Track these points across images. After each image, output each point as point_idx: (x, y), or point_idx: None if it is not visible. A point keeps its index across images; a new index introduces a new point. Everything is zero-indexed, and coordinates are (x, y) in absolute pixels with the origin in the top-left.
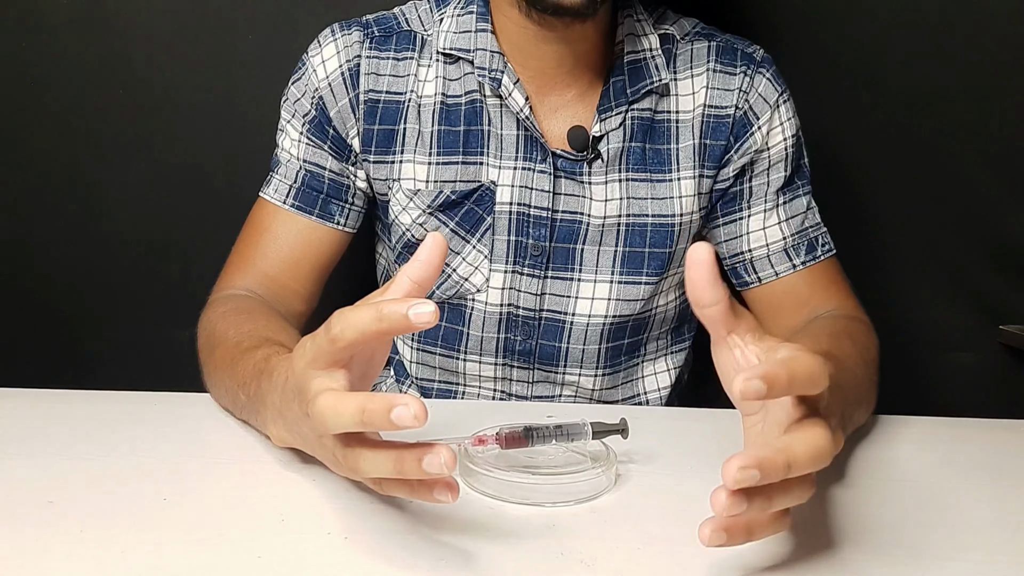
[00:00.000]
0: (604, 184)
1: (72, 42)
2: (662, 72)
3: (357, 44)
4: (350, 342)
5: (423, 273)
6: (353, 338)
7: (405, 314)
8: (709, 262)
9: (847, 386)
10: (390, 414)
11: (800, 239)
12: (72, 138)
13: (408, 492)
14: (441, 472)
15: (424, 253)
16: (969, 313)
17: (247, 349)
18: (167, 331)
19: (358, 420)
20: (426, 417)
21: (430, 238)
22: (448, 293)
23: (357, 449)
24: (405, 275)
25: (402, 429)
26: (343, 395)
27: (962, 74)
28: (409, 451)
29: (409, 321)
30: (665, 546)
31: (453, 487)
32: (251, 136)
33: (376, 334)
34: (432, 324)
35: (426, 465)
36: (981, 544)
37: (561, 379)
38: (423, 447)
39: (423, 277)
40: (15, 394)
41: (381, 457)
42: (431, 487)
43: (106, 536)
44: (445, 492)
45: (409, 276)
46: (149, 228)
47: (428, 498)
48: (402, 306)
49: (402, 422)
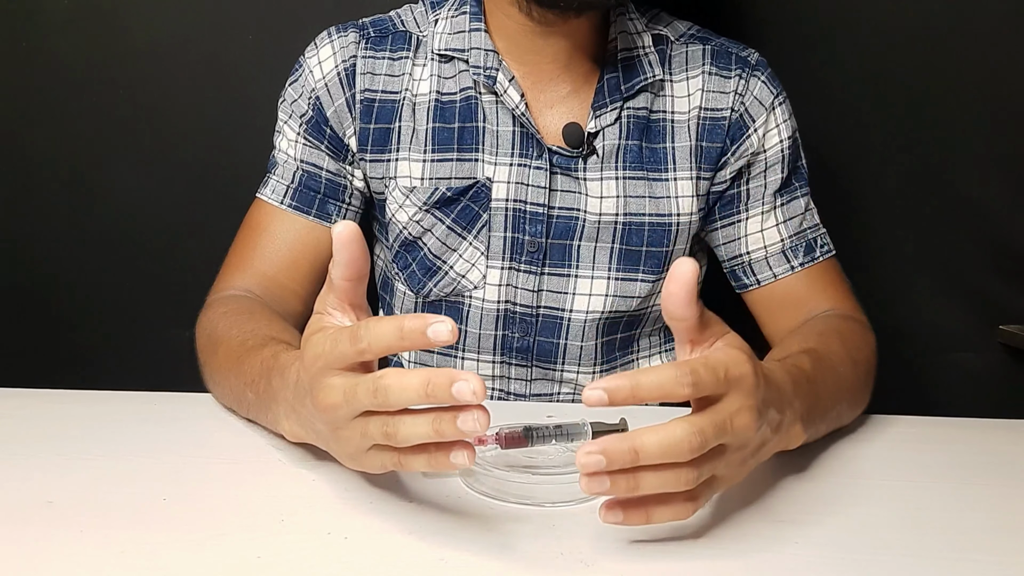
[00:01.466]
0: (600, 181)
1: (72, 42)
2: (656, 68)
3: (353, 45)
4: (377, 354)
5: (348, 271)
6: (380, 351)
7: (423, 332)
8: (690, 281)
9: (824, 382)
10: (452, 387)
11: (798, 241)
12: (72, 138)
13: (427, 461)
14: (475, 429)
15: (339, 254)
16: (969, 313)
17: (252, 348)
18: (167, 331)
19: (423, 392)
20: (484, 394)
21: (337, 233)
22: (445, 290)
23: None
24: (337, 278)
25: (461, 403)
26: (405, 371)
27: (961, 74)
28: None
29: (428, 339)
30: (665, 546)
31: (469, 450)
32: (251, 136)
33: (399, 349)
34: (451, 342)
35: (460, 423)
36: (981, 544)
37: (559, 376)
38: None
39: (350, 274)
40: (15, 394)
41: (420, 419)
42: (447, 451)
43: (106, 536)
44: (460, 454)
45: (341, 279)
46: (149, 228)
47: (445, 463)
48: (421, 323)
49: (462, 396)
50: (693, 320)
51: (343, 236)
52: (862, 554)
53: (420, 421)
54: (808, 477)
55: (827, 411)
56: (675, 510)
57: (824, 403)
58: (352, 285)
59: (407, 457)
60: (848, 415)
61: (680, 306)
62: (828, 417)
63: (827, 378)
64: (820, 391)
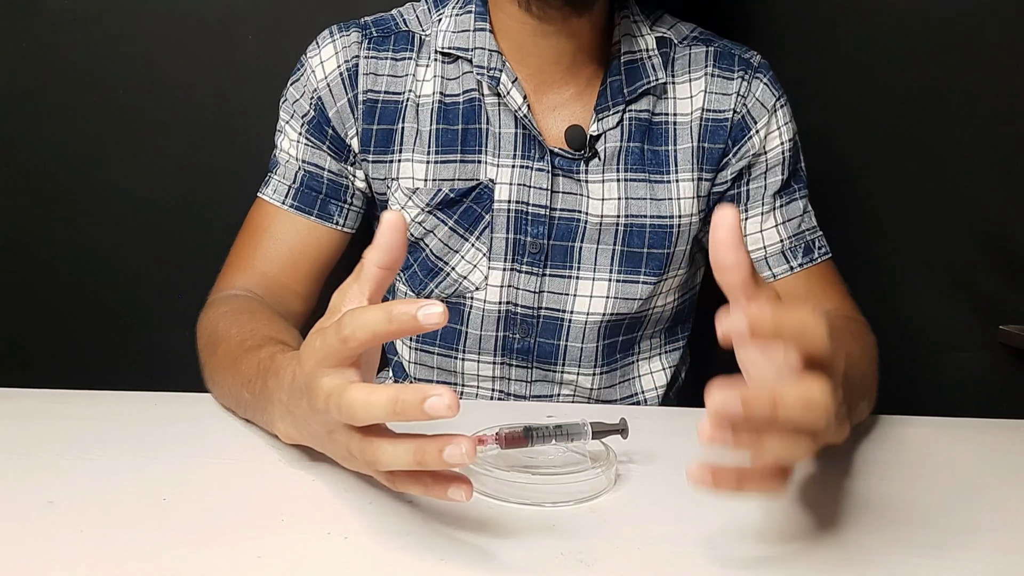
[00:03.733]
0: (601, 183)
1: (72, 42)
2: (659, 72)
3: (355, 45)
4: (362, 342)
5: (385, 258)
6: (365, 338)
7: (414, 315)
8: (734, 224)
9: (852, 377)
10: (424, 404)
11: (797, 242)
12: (72, 138)
13: (421, 489)
14: (463, 462)
15: (383, 237)
16: (969, 313)
17: (251, 348)
18: (167, 331)
19: (390, 411)
20: (459, 408)
21: (386, 219)
22: (447, 291)
23: (376, 441)
24: (370, 263)
25: (434, 419)
26: (374, 387)
27: (961, 75)
28: (430, 441)
29: (418, 322)
30: (665, 546)
31: (467, 485)
32: (251, 136)
33: (387, 335)
34: (442, 324)
35: (447, 455)
36: (981, 544)
37: (559, 378)
38: (444, 438)
39: (386, 261)
40: (15, 394)
41: (401, 449)
42: (445, 484)
43: (106, 536)
44: (459, 490)
45: (374, 263)
46: (149, 227)
47: (441, 495)
48: (411, 307)
49: (435, 412)
50: (746, 267)
51: (392, 221)
52: (863, 554)
53: (400, 450)
54: (808, 477)
55: (856, 405)
56: (770, 483)
57: (855, 397)
58: (382, 275)
59: (400, 480)
60: (865, 411)
61: (730, 250)
62: (855, 411)
63: (853, 375)
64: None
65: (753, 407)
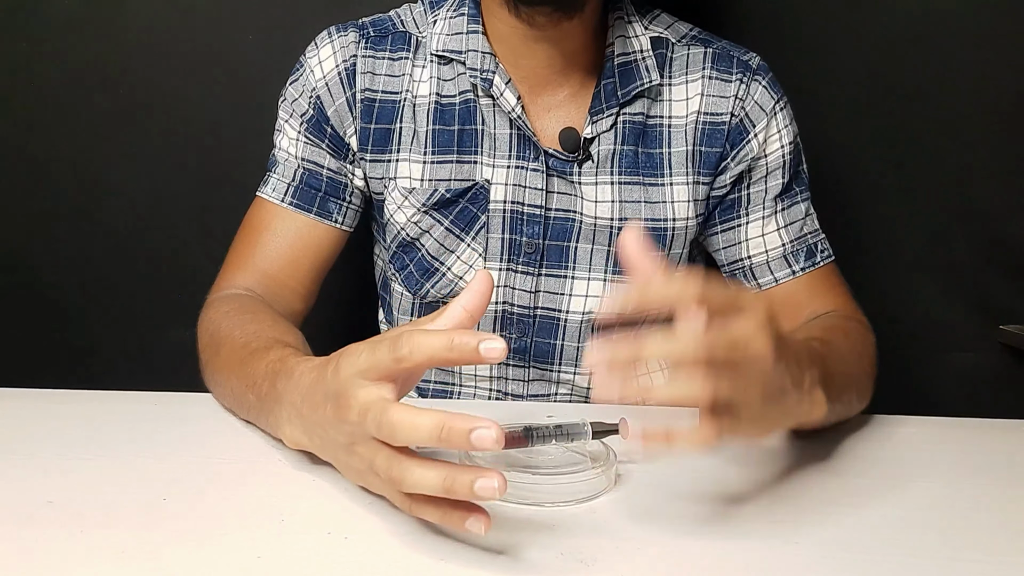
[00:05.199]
0: (595, 186)
1: (72, 42)
2: (652, 73)
3: (353, 45)
4: (417, 364)
5: (476, 303)
6: (421, 361)
7: (475, 347)
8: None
9: (833, 363)
10: (471, 435)
11: (799, 245)
12: (72, 138)
13: (439, 515)
14: (493, 497)
15: (476, 284)
16: (969, 313)
17: (256, 350)
18: (167, 331)
19: (435, 436)
20: (504, 443)
21: (480, 275)
22: (443, 292)
23: (406, 461)
24: (459, 304)
25: (479, 451)
26: (420, 410)
27: (961, 75)
28: (462, 471)
29: (479, 355)
30: (665, 546)
31: (486, 516)
32: (251, 135)
33: (444, 361)
34: (500, 360)
35: (478, 488)
36: (981, 544)
37: (556, 377)
38: (476, 470)
39: (476, 307)
40: (15, 394)
41: (431, 474)
42: (465, 514)
43: (106, 536)
44: (478, 521)
45: (463, 306)
46: (149, 227)
47: (459, 525)
48: (473, 339)
49: (482, 444)
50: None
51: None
52: (862, 554)
53: (430, 475)
54: (808, 477)
55: (841, 391)
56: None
57: (838, 382)
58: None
59: (417, 505)
60: (856, 405)
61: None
62: (842, 398)
63: (837, 362)
64: (833, 370)
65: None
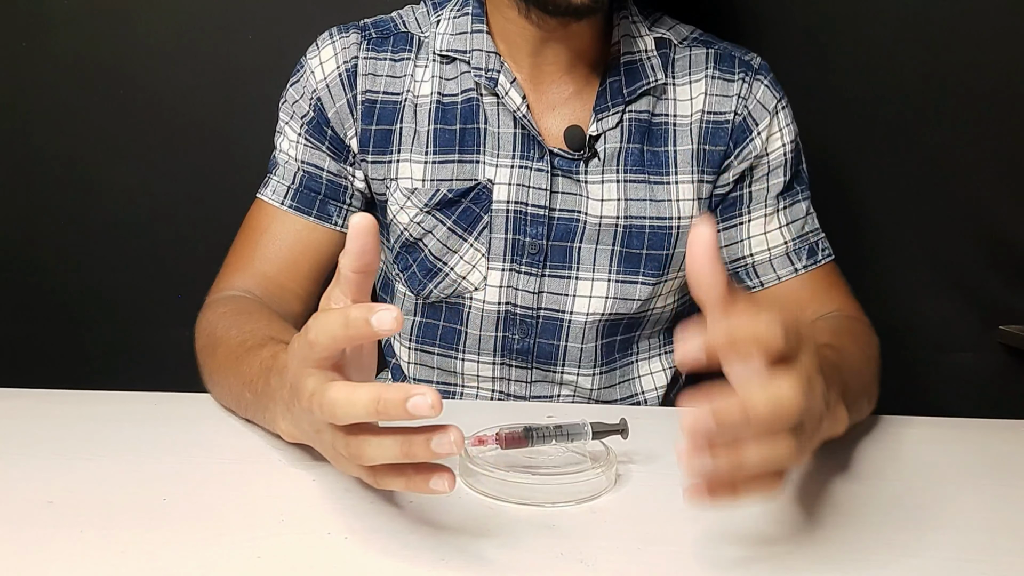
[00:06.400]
0: (601, 184)
1: (72, 42)
2: (658, 72)
3: (354, 46)
4: (325, 347)
5: (357, 262)
6: (327, 343)
7: (367, 320)
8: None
9: (848, 371)
10: (406, 403)
11: (801, 244)
12: (72, 138)
13: (404, 482)
14: (451, 451)
15: (353, 243)
16: (969, 313)
17: (252, 348)
18: (167, 331)
19: (372, 410)
20: (441, 407)
21: (354, 222)
22: (446, 292)
23: (361, 436)
24: (345, 268)
25: (417, 419)
26: (356, 385)
27: (961, 74)
28: (417, 432)
29: (371, 328)
30: (665, 546)
31: (449, 474)
32: (251, 136)
33: (346, 340)
34: (396, 330)
35: (435, 445)
36: (981, 544)
37: (559, 378)
38: (431, 428)
39: (359, 266)
40: (15, 394)
41: (387, 442)
42: (427, 476)
43: (106, 536)
44: (442, 479)
45: (348, 269)
46: (149, 227)
47: (424, 488)
48: (365, 312)
49: (419, 411)
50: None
51: (358, 226)
52: (862, 554)
53: (387, 443)
54: (808, 477)
55: (856, 399)
56: (765, 484)
57: (853, 391)
58: (359, 279)
59: (381, 476)
60: (867, 409)
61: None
62: (856, 406)
63: (851, 370)
64: (848, 380)
65: (724, 418)
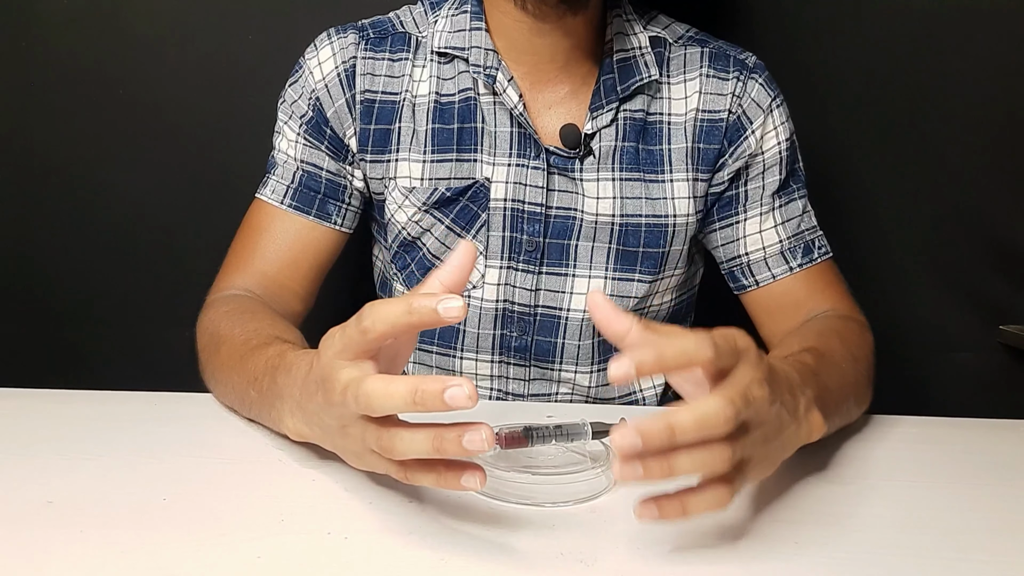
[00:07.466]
0: (596, 182)
1: (72, 42)
2: (651, 69)
3: (353, 46)
4: (380, 334)
5: (453, 278)
6: (383, 330)
7: (434, 308)
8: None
9: (830, 376)
10: (444, 394)
11: (797, 242)
12: (72, 137)
13: (434, 478)
14: (482, 449)
15: (456, 258)
16: (969, 313)
17: (256, 346)
18: (167, 331)
19: (409, 401)
20: (477, 398)
21: (461, 246)
22: None
23: (393, 429)
24: (435, 278)
25: (454, 410)
26: (393, 377)
27: (960, 74)
28: (449, 429)
29: (438, 315)
30: (664, 546)
31: (480, 472)
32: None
33: (406, 327)
34: (460, 319)
35: (467, 442)
36: (982, 544)
37: (557, 376)
38: (463, 425)
39: (453, 281)
40: (15, 394)
41: (419, 436)
42: (459, 473)
43: (106, 536)
44: (473, 477)
45: (440, 280)
46: (148, 227)
47: (455, 485)
48: (432, 300)
49: (456, 402)
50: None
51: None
52: (863, 554)
53: (419, 437)
54: (808, 478)
55: (839, 404)
56: (711, 497)
57: (834, 395)
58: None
59: (412, 472)
60: (855, 411)
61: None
62: (840, 410)
63: (832, 373)
64: (828, 384)
65: (652, 439)
